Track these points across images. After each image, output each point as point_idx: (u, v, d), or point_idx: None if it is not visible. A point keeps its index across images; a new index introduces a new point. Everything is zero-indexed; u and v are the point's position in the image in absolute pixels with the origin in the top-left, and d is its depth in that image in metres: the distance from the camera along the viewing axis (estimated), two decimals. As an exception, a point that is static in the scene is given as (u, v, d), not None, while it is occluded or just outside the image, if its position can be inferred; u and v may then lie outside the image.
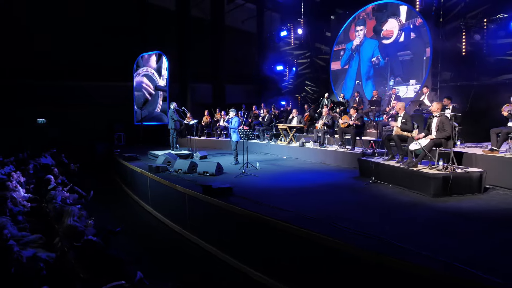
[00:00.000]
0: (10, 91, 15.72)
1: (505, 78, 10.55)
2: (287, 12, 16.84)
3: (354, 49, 14.38)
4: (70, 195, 8.61)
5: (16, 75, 15.67)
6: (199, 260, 5.94)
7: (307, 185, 6.91)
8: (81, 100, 16.98)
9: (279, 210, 5.04)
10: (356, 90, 13.74)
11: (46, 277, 4.52)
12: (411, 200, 5.61)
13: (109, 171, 13.71)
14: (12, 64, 15.40)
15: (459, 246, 3.68)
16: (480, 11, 10.81)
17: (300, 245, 4.30)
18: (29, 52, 15.49)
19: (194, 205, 6.40)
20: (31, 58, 15.58)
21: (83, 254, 4.64)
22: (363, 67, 14.02)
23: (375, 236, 3.88)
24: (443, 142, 6.26)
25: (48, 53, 15.75)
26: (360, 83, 14.34)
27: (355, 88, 14.22)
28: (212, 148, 13.61)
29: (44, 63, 15.84)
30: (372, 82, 13.74)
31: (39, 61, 15.68)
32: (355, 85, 14.43)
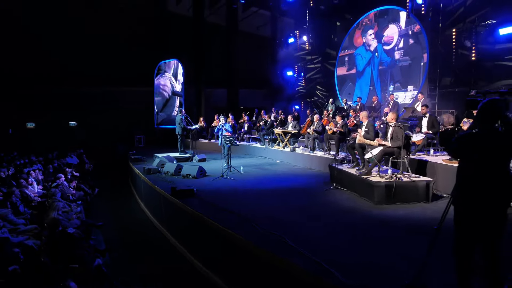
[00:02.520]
0: (47, 97, 17.56)
1: (503, 84, 10.34)
2: (299, 18, 17.23)
3: (373, 54, 14.32)
4: (76, 192, 9.73)
5: (49, 83, 17.46)
6: (166, 253, 6.68)
7: (273, 189, 7.42)
8: (108, 104, 18.55)
9: (226, 212, 5.64)
10: (371, 95, 13.75)
11: (23, 260, 5.43)
12: (354, 207, 5.97)
13: (124, 171, 14.91)
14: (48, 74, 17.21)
15: (348, 247, 4.11)
16: (477, 17, 10.65)
17: (223, 243, 4.91)
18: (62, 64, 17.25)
19: (166, 204, 7.16)
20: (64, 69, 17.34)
21: (53, 242, 5.51)
22: (374, 73, 14.04)
23: (281, 237, 4.39)
24: (395, 151, 6.52)
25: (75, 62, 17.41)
26: (373, 88, 14.37)
27: (370, 94, 14.20)
28: (219, 151, 14.36)
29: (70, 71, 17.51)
30: (380, 87, 13.78)
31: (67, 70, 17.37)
32: (370, 91, 14.42)
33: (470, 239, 2.70)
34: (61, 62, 17.39)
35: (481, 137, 2.69)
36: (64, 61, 17.44)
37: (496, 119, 2.66)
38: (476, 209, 2.64)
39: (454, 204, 2.77)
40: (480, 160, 2.64)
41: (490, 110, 2.69)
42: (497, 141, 2.62)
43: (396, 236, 4.58)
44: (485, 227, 2.64)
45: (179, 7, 19.71)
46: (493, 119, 2.67)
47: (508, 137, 2.63)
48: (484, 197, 2.61)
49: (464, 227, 2.71)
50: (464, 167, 2.75)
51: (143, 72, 18.27)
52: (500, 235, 2.66)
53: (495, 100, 2.73)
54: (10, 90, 16.83)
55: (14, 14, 16.64)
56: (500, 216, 2.62)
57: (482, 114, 2.71)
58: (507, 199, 2.63)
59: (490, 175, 2.62)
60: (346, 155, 9.52)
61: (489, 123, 2.69)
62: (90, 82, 18.10)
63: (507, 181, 2.63)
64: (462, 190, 2.72)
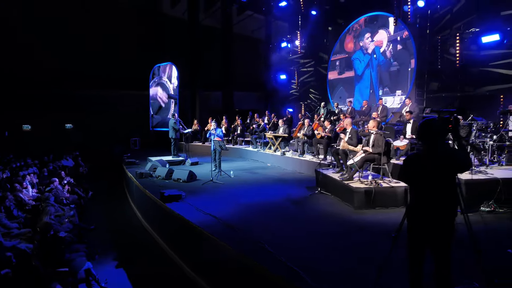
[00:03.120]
0: (43, 100, 17.76)
1: (488, 89, 10.61)
2: (291, 22, 17.47)
3: (371, 56, 14.48)
4: (70, 196, 9.93)
5: (48, 85, 17.66)
6: (156, 257, 6.89)
7: (260, 194, 7.64)
8: (104, 107, 18.76)
9: (210, 217, 5.87)
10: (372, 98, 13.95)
11: (15, 264, 5.65)
12: (334, 211, 6.21)
13: (119, 173, 15.12)
14: (45, 76, 17.41)
15: (322, 252, 4.34)
16: (462, 24, 10.91)
17: (207, 247, 5.15)
18: (58, 67, 17.45)
19: (156, 208, 7.38)
20: (60, 71, 17.54)
21: (44, 246, 5.73)
22: (374, 76, 14.21)
23: (260, 242, 4.63)
24: (376, 157, 6.77)
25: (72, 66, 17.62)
26: (372, 91, 14.54)
27: (370, 97, 14.33)
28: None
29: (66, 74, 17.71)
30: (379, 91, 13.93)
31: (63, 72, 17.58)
32: (370, 94, 14.58)
33: (420, 247, 2.94)
34: (57, 64, 17.60)
35: (423, 158, 2.93)
36: (60, 64, 17.65)
37: (433, 137, 2.89)
38: (425, 223, 2.87)
39: (407, 216, 3.00)
40: (424, 179, 2.88)
41: (425, 129, 2.92)
42: (437, 161, 2.85)
43: (370, 241, 4.81)
44: (434, 237, 2.87)
45: (175, 10, 19.94)
46: (431, 138, 2.90)
47: (448, 157, 2.86)
48: (431, 211, 2.84)
49: (414, 236, 2.94)
50: (412, 183, 2.99)
51: (139, 75, 18.50)
52: (449, 243, 2.89)
53: (429, 120, 2.97)
54: (6, 92, 17.02)
55: (12, 15, 16.83)
56: (447, 228, 2.85)
57: (420, 133, 2.95)
58: (452, 212, 2.86)
59: (435, 193, 2.84)
60: (332, 159, 9.77)
61: (427, 142, 2.92)
62: (87, 85, 18.30)
63: (451, 196, 2.87)
64: (412, 205, 2.96)
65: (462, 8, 10.88)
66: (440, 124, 2.93)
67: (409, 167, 2.98)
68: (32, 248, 6.28)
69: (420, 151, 3.00)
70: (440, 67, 11.41)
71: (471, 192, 6.04)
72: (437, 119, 3.12)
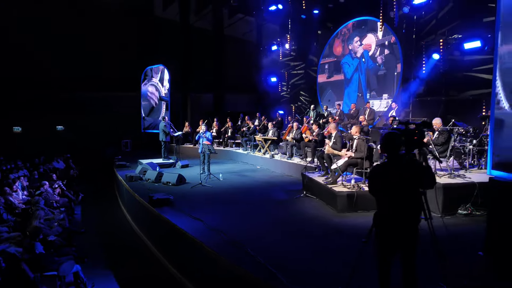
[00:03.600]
0: (34, 101, 17.72)
1: (471, 94, 10.87)
2: (282, 26, 17.65)
3: (359, 60, 14.71)
4: (60, 199, 10.02)
5: (40, 87, 17.64)
6: (144, 259, 7.03)
7: (246, 197, 7.85)
8: (96, 109, 18.76)
9: (197, 221, 6.03)
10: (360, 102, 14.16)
11: (5, 268, 5.74)
12: (317, 215, 6.41)
13: (111, 175, 15.19)
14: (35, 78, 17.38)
15: (300, 254, 4.53)
16: (447, 30, 11.17)
17: (193, 250, 5.31)
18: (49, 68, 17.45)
19: (145, 212, 7.52)
20: (51, 73, 17.53)
21: (33, 250, 5.83)
22: (363, 80, 14.43)
23: (242, 244, 4.81)
24: (359, 162, 6.97)
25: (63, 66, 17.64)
26: (361, 95, 14.75)
27: (358, 100, 14.52)
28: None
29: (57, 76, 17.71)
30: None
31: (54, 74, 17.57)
32: (358, 97, 14.78)
33: (387, 252, 3.12)
34: (49, 66, 17.59)
35: (387, 168, 3.12)
36: (52, 66, 17.64)
37: (396, 149, 3.09)
38: (391, 229, 3.06)
39: (374, 223, 3.19)
40: (388, 189, 3.07)
41: (388, 141, 3.11)
42: (401, 172, 3.04)
43: (348, 244, 5.00)
44: (400, 243, 3.06)
45: (167, 12, 20.01)
46: (393, 149, 3.09)
47: (412, 169, 3.06)
48: (396, 219, 3.03)
49: (382, 242, 3.13)
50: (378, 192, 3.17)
51: (131, 77, 18.54)
52: (414, 249, 3.08)
53: (391, 133, 3.17)
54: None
55: (5, 15, 16.78)
56: (411, 234, 3.04)
57: (383, 145, 3.14)
58: (416, 219, 3.06)
59: (399, 201, 3.03)
60: (318, 163, 9.96)
61: (391, 153, 3.11)
62: (78, 87, 18.29)
63: (415, 204, 3.06)
64: (379, 213, 3.15)
65: (447, 14, 11.13)
66: (400, 136, 3.12)
67: (374, 178, 3.17)
68: (21, 251, 6.39)
69: (385, 161, 3.19)
70: (425, 72, 11.66)
71: (450, 196, 6.26)
72: (404, 130, 3.31)
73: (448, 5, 10.93)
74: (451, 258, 4.43)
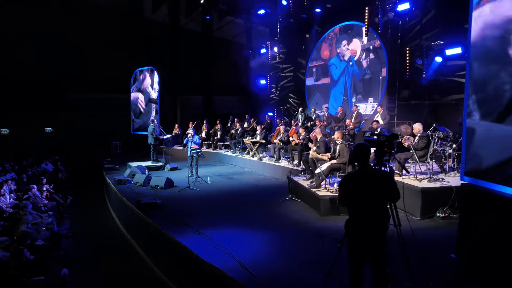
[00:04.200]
0: (22, 103, 17.63)
1: (453, 98, 11.17)
2: (271, 29, 17.84)
3: (344, 65, 14.92)
4: (48, 202, 10.05)
5: (26, 87, 17.54)
6: (131, 263, 7.14)
7: (233, 200, 8.02)
8: (85, 111, 18.74)
9: (184, 225, 6.17)
10: (345, 105, 14.33)
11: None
12: (300, 218, 6.59)
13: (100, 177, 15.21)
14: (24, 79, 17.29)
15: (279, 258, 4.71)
16: (431, 35, 11.45)
17: (179, 255, 5.47)
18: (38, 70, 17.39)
19: (133, 215, 7.63)
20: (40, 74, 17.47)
21: (19, 255, 5.91)
22: (348, 83, 14.66)
23: (226, 249, 4.97)
24: (342, 166, 7.18)
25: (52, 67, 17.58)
26: (346, 98, 14.96)
27: (344, 103, 14.70)
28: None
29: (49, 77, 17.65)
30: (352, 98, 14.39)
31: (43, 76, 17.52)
32: (343, 100, 14.99)
33: (358, 256, 3.31)
34: (36, 67, 17.53)
35: (356, 177, 3.32)
36: (40, 67, 17.59)
37: (365, 159, 3.29)
38: (361, 235, 3.25)
39: (345, 229, 3.38)
40: (357, 196, 3.26)
41: (358, 152, 3.31)
42: (370, 180, 3.25)
43: (327, 247, 5.19)
44: (369, 248, 3.26)
45: (156, 15, 20.05)
46: (362, 160, 3.30)
47: (380, 179, 3.26)
48: (365, 225, 3.23)
49: (353, 247, 3.32)
50: (349, 200, 3.36)
51: (121, 78, 18.55)
52: (382, 253, 3.28)
53: (361, 144, 3.39)
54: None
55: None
56: (380, 239, 3.24)
57: (353, 156, 3.34)
58: (384, 225, 3.25)
59: (367, 208, 3.22)
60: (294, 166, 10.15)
61: (360, 163, 3.32)
62: (68, 88, 18.26)
63: (383, 211, 3.26)
64: (349, 219, 3.34)
65: (430, 20, 11.41)
66: (369, 148, 3.33)
67: (343, 187, 3.36)
68: (8, 256, 6.46)
69: (355, 171, 3.38)
70: (408, 76, 11.94)
71: (428, 199, 6.51)
72: (375, 141, 3.52)
73: (431, 12, 11.22)
74: (424, 260, 4.67)
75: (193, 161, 10.21)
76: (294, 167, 9.98)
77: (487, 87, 4.44)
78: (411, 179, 7.11)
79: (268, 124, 15.39)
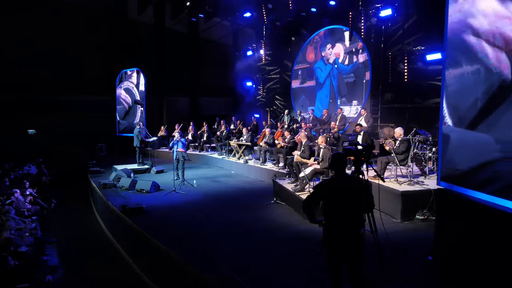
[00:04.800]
0: (3, 104, 17.30)
1: (434, 101, 11.46)
2: (257, 32, 17.96)
3: (332, 66, 15.02)
4: (32, 207, 9.93)
5: (7, 91, 17.23)
6: (117, 267, 7.15)
7: (218, 204, 8.11)
8: (69, 112, 18.48)
9: (168, 230, 6.24)
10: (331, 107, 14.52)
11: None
12: (284, 222, 6.72)
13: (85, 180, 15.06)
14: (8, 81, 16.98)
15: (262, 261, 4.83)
16: (412, 40, 11.73)
17: (163, 259, 5.53)
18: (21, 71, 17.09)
19: (118, 220, 7.63)
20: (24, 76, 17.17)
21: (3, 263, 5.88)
22: (335, 86, 14.83)
23: (209, 253, 5.06)
24: (325, 171, 7.33)
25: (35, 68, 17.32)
26: (332, 101, 15.15)
27: (330, 106, 14.89)
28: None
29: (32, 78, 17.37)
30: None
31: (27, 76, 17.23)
32: (329, 103, 15.18)
33: (337, 261, 3.43)
34: (20, 69, 17.22)
35: (333, 184, 3.46)
36: (23, 69, 17.28)
37: (342, 167, 3.43)
38: (337, 241, 3.38)
39: (323, 235, 3.50)
40: (333, 203, 3.39)
41: (336, 160, 3.45)
42: (346, 188, 3.38)
43: (310, 251, 5.30)
44: (346, 253, 3.38)
45: (142, 16, 19.92)
46: (340, 167, 3.44)
47: (356, 187, 3.40)
48: (342, 231, 3.35)
49: (331, 252, 3.43)
50: (325, 207, 3.49)
51: (106, 80, 18.41)
52: (359, 258, 3.41)
53: (339, 153, 3.55)
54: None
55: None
56: (356, 245, 3.37)
57: (331, 164, 3.48)
58: (359, 231, 3.38)
59: (344, 215, 3.35)
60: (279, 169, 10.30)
61: (338, 171, 3.46)
62: (51, 89, 17.99)
63: (359, 217, 3.39)
64: (326, 225, 3.46)
65: (412, 25, 11.69)
66: (346, 156, 3.48)
67: (317, 192, 3.49)
68: (-8, 263, 6.40)
69: (331, 178, 3.52)
70: (390, 80, 12.21)
71: (408, 202, 6.72)
72: (354, 150, 3.66)
73: (412, 17, 11.50)
74: (403, 263, 4.85)
75: (179, 164, 10.23)
76: (280, 170, 10.13)
77: (459, 94, 4.63)
78: (392, 182, 7.31)
79: (254, 126, 15.50)
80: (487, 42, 4.15)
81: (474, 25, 4.34)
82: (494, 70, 4.07)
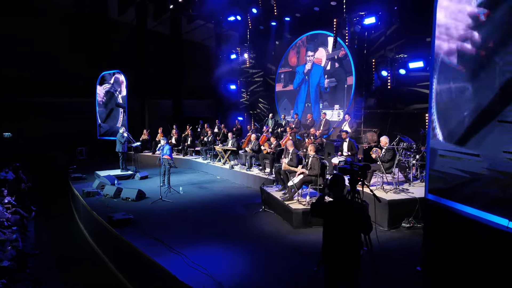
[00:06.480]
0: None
1: (416, 107, 11.76)
2: (240, 35, 17.96)
3: (306, 73, 15.35)
4: (11, 216, 9.59)
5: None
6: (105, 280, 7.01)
7: (205, 212, 8.08)
8: (47, 115, 17.94)
9: (157, 242, 6.16)
10: (307, 111, 14.83)
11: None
12: (273, 232, 6.75)
13: (65, 185, 14.66)
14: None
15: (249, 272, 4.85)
16: (394, 46, 11.99)
17: (152, 271, 5.47)
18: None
19: (103, 230, 7.48)
20: None
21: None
22: (311, 91, 15.07)
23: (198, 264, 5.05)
24: (313, 179, 7.40)
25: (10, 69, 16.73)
26: (309, 105, 15.37)
27: (305, 110, 15.20)
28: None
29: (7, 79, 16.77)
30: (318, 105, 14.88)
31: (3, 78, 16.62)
32: (305, 108, 15.40)
33: (334, 280, 3.50)
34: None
35: (331, 206, 3.53)
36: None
37: (340, 188, 3.50)
38: (335, 260, 3.44)
39: (322, 253, 3.56)
40: (332, 223, 3.45)
41: (335, 181, 3.52)
42: (344, 209, 3.45)
43: (300, 261, 5.36)
44: (343, 272, 3.45)
45: (124, 16, 19.54)
46: (338, 188, 3.51)
47: (354, 209, 3.47)
48: (340, 251, 3.42)
49: (328, 271, 3.50)
50: (324, 227, 3.55)
51: (85, 81, 17.95)
52: (355, 277, 3.48)
53: (337, 175, 3.63)
54: None
55: None
56: (353, 264, 3.43)
57: (330, 184, 3.54)
58: (358, 250, 3.45)
59: (342, 235, 3.42)
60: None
61: (336, 192, 3.52)
62: (28, 92, 17.43)
63: (356, 238, 3.46)
64: (324, 245, 3.52)
65: (394, 32, 11.96)
66: (344, 178, 3.54)
67: (322, 210, 3.55)
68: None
69: (330, 201, 3.58)
70: (374, 86, 12.45)
71: (395, 210, 6.87)
72: (349, 169, 3.73)
73: (394, 25, 11.75)
74: (392, 273, 4.96)
75: (165, 170, 10.12)
76: (267, 176, 10.15)
77: (449, 111, 4.75)
78: (378, 190, 7.46)
79: (238, 129, 15.47)
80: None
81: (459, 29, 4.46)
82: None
